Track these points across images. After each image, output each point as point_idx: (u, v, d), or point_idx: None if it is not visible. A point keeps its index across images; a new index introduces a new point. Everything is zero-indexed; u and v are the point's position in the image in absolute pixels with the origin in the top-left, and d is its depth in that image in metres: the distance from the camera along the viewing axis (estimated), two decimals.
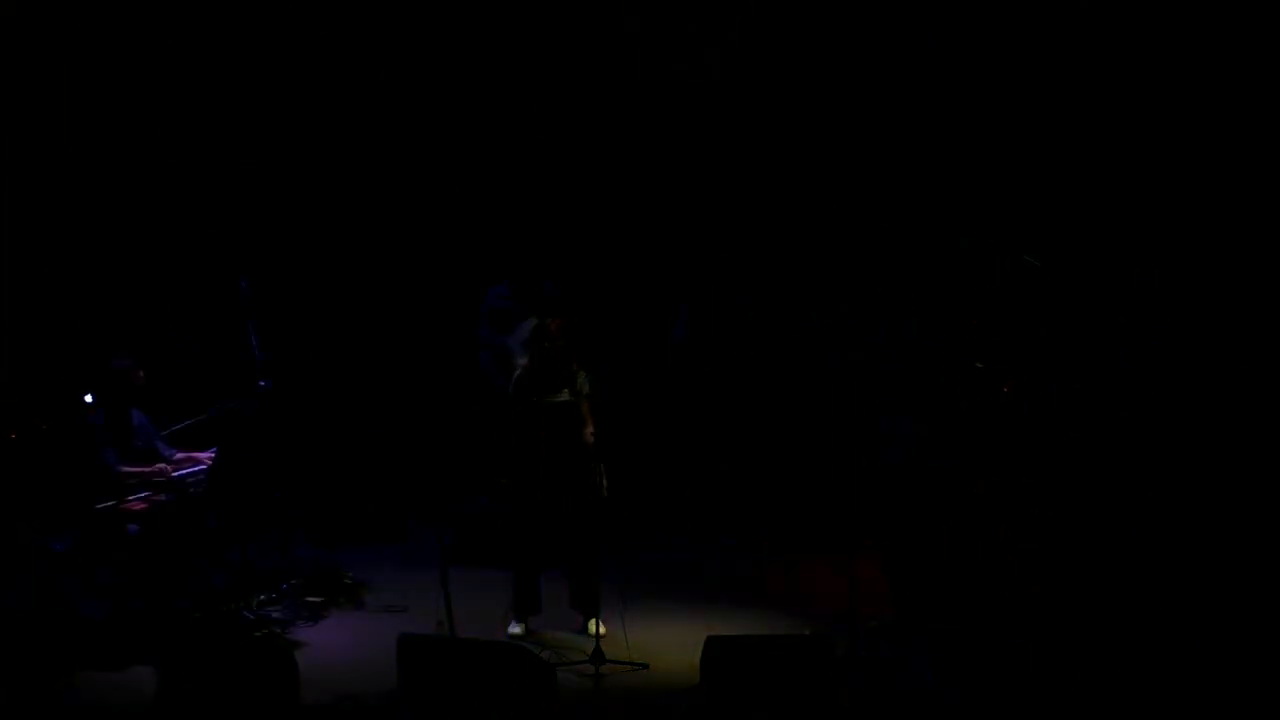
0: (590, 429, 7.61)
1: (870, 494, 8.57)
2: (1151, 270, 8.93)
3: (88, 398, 7.75)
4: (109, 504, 7.44)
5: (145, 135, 9.93)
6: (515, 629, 7.59)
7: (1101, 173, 9.58)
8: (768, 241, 10.38)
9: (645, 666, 7.08)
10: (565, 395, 7.58)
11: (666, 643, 7.43)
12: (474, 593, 7.79)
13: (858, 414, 8.43)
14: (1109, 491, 7.96)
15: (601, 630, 7.43)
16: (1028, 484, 8.20)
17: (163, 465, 7.72)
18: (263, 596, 7.96)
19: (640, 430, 9.67)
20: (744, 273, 10.36)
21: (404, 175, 10.42)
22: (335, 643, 7.53)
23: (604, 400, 7.80)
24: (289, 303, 9.67)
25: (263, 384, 7.96)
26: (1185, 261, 8.95)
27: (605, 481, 7.47)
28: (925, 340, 8.64)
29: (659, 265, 10.41)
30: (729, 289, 10.32)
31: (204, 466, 7.75)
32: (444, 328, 10.05)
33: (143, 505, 7.47)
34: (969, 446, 8.20)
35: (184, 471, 7.67)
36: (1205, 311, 8.75)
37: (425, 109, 10.38)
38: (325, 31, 10.13)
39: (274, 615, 7.78)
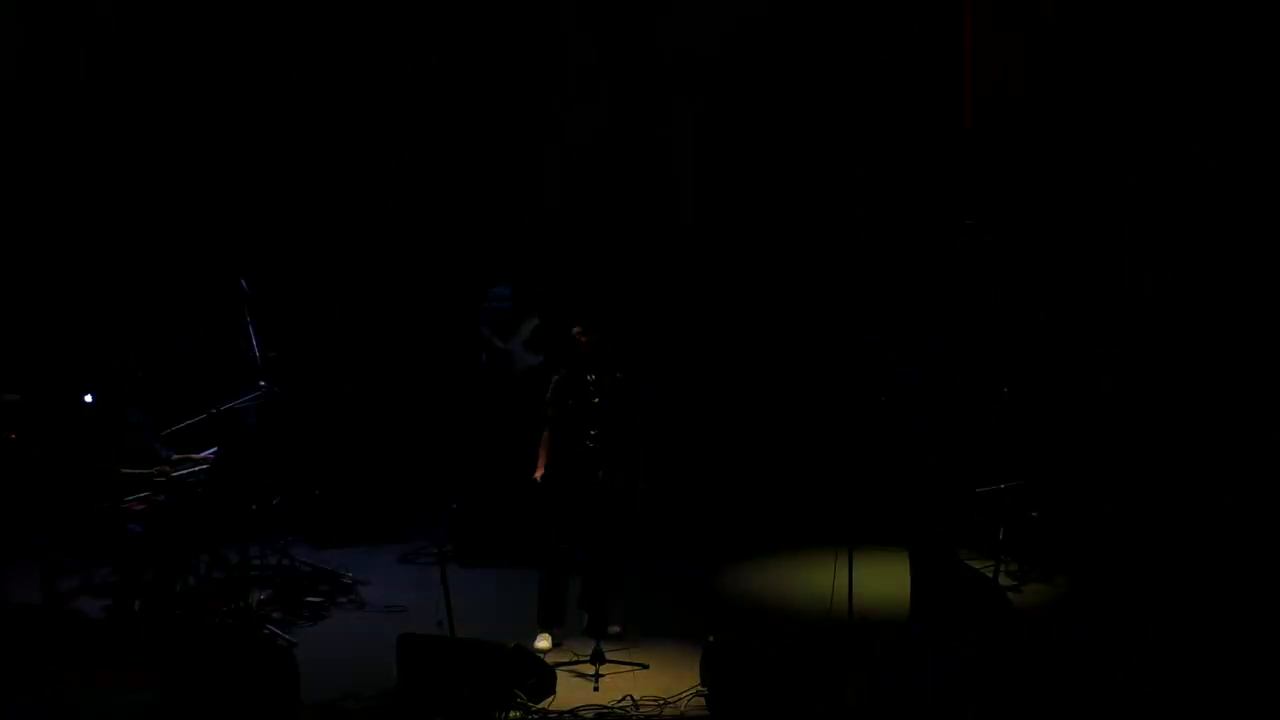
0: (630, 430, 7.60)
1: (894, 498, 8.59)
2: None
3: (87, 398, 7.73)
4: (109, 504, 7.43)
5: (145, 134, 9.93)
6: (542, 642, 7.42)
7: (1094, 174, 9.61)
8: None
9: (645, 667, 7.09)
10: (600, 400, 7.42)
11: (667, 643, 7.44)
12: (474, 592, 7.79)
13: (877, 420, 8.43)
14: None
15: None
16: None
17: (163, 466, 7.70)
18: (262, 596, 7.96)
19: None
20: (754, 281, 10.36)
21: (404, 175, 10.41)
22: (335, 643, 7.53)
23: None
24: (289, 302, 9.67)
25: (263, 384, 7.97)
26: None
27: (644, 485, 7.55)
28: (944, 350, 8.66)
29: (662, 268, 10.40)
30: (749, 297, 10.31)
31: (204, 466, 7.73)
32: (443, 327, 10.05)
33: (143, 505, 7.46)
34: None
35: (184, 471, 7.66)
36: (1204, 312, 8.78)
37: (426, 109, 10.37)
38: (326, 31, 10.14)
39: (274, 615, 7.78)
